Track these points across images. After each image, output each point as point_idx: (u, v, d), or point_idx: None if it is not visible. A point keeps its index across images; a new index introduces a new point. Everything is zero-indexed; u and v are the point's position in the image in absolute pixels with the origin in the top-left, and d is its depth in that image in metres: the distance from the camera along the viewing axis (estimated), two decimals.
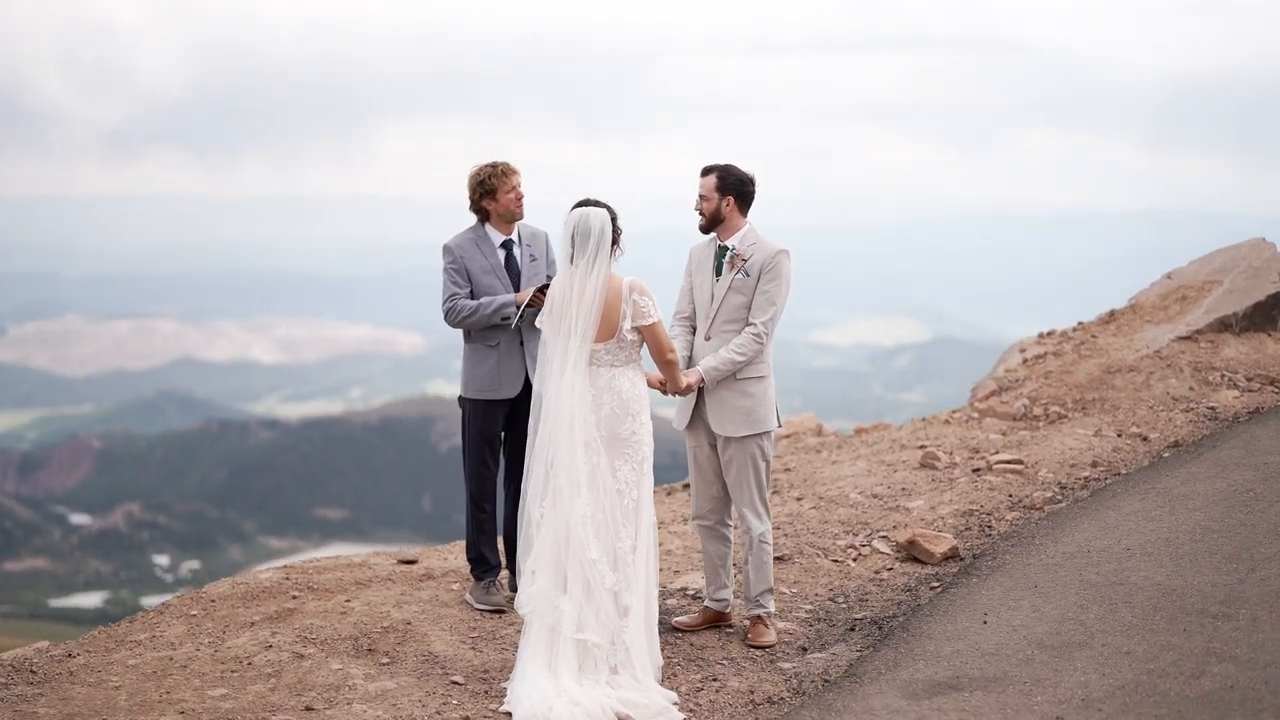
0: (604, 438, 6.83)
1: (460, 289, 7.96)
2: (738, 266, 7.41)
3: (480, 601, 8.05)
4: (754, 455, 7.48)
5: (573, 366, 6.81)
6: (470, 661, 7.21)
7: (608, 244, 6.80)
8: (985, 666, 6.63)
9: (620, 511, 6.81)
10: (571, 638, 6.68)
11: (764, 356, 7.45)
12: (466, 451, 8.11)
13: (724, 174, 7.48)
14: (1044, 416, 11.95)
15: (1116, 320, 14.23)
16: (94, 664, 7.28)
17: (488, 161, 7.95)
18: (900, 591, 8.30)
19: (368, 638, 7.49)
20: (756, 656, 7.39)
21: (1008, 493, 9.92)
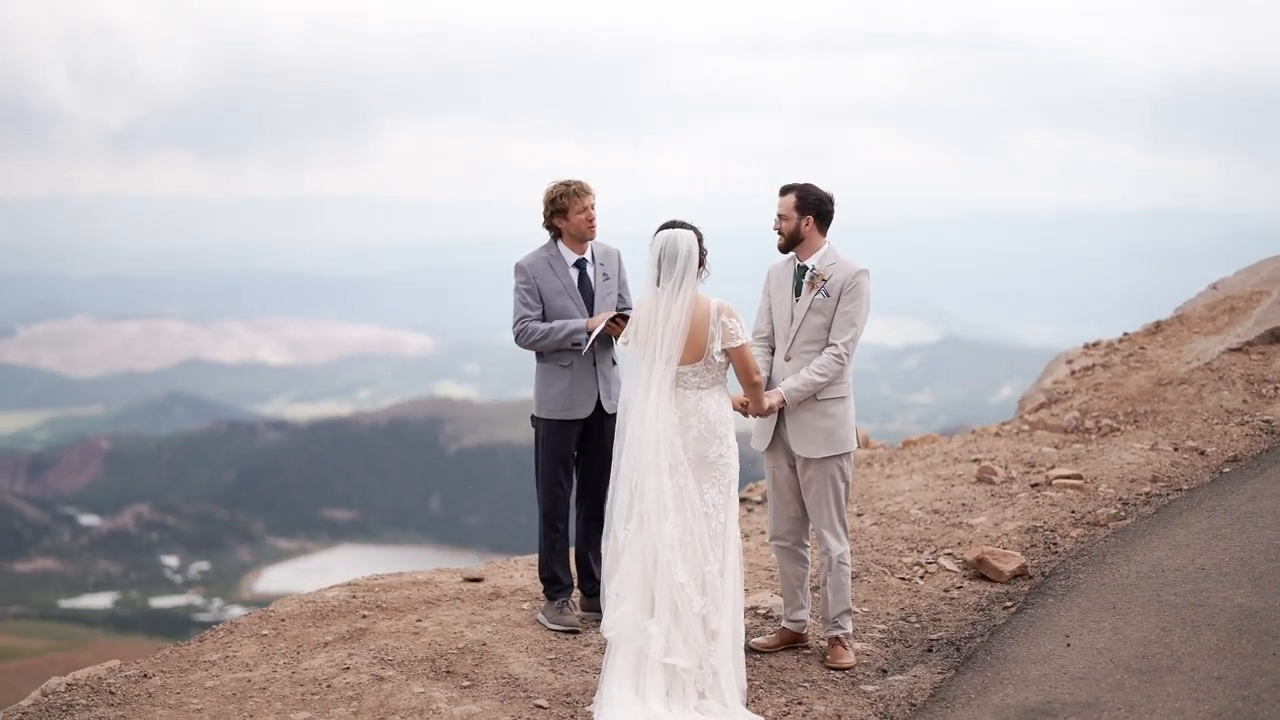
0: (691, 460, 6.80)
1: (531, 310, 7.92)
2: (818, 287, 7.37)
3: (554, 622, 8.02)
4: (834, 476, 7.44)
5: (657, 388, 6.78)
6: (551, 684, 7.17)
7: (694, 266, 6.77)
8: (1076, 691, 6.59)
9: (708, 535, 6.78)
10: (659, 662, 6.65)
11: (844, 377, 7.42)
12: (540, 471, 8.08)
13: (803, 193, 7.45)
14: (1096, 429, 11.91)
15: (1163, 331, 14.19)
16: (172, 685, 7.26)
17: (563, 179, 7.90)
18: (973, 611, 8.26)
19: (444, 659, 7.46)
20: (837, 679, 7.36)
21: (1070, 509, 9.87)
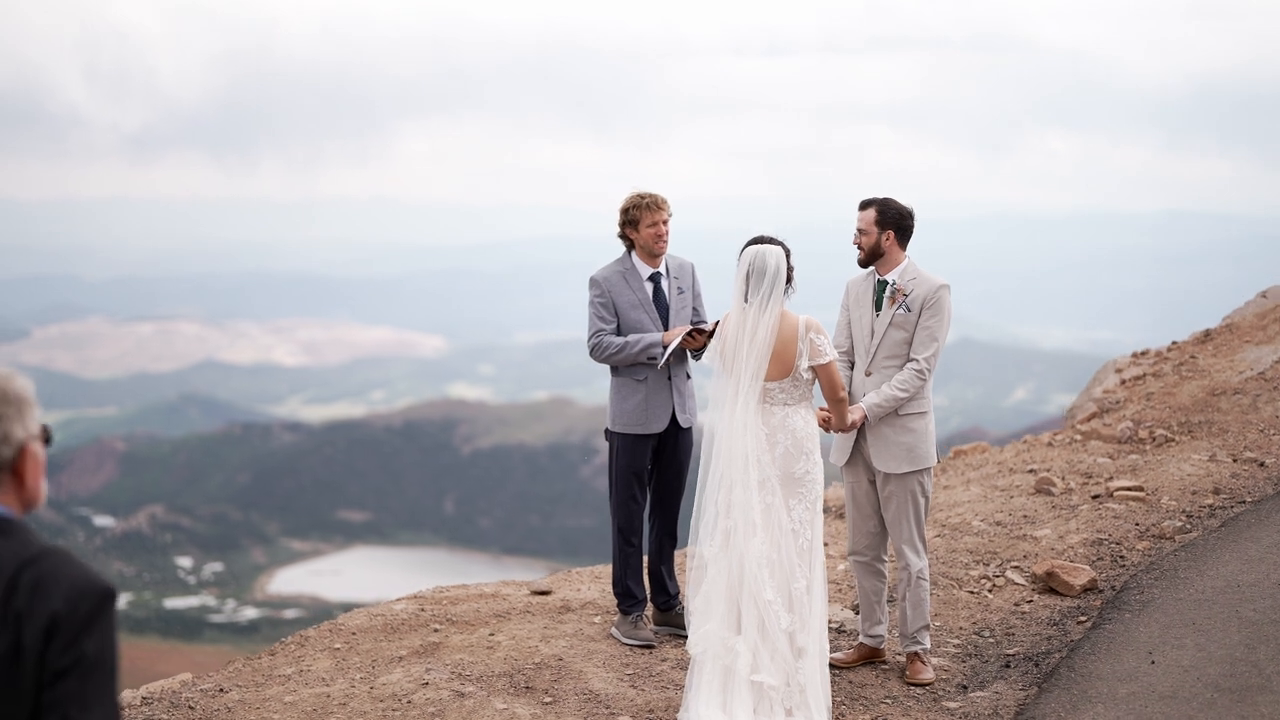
0: (778, 477, 6.77)
1: (606, 324, 7.89)
2: (899, 302, 7.35)
3: (628, 636, 7.99)
4: (914, 492, 7.42)
5: (743, 404, 6.76)
6: (633, 700, 7.15)
7: (782, 282, 6.74)
8: (1167, 711, 6.56)
9: (795, 551, 6.75)
10: (747, 679, 6.63)
11: (925, 392, 7.39)
12: (614, 485, 8.04)
13: (883, 208, 7.43)
14: (1150, 440, 11.86)
15: (1213, 340, 14.13)
16: (250, 700, 7.24)
17: (639, 191, 7.87)
18: (1046, 625, 8.23)
19: (522, 674, 7.44)
20: (918, 695, 7.33)
21: (1134, 521, 9.83)
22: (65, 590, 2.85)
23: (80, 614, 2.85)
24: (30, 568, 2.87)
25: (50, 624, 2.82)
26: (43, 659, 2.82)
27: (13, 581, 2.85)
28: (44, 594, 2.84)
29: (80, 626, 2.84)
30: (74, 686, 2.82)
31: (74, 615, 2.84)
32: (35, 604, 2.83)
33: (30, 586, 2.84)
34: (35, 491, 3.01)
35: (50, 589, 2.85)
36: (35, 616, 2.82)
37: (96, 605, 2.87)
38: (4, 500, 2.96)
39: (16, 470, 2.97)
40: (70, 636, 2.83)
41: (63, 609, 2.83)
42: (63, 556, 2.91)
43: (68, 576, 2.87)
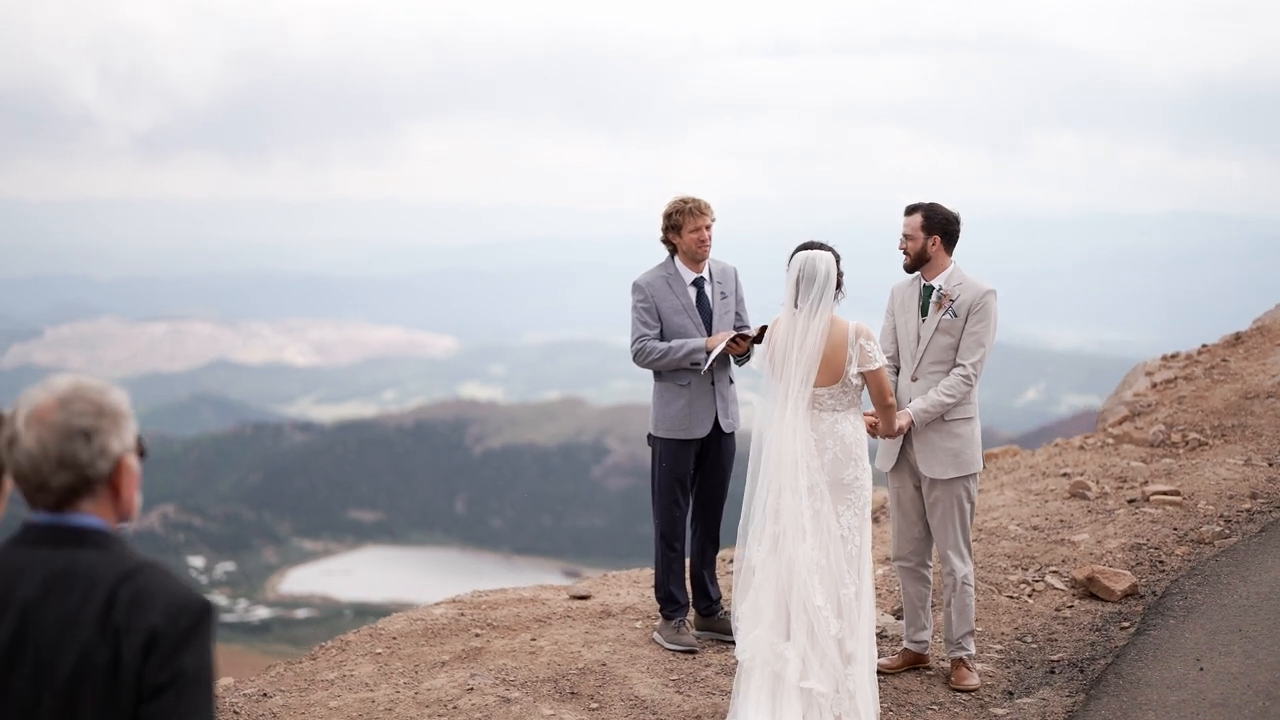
0: (827, 483, 6.74)
1: (650, 329, 7.87)
2: (945, 307, 7.33)
3: (671, 641, 7.98)
4: (960, 497, 7.40)
5: (793, 410, 6.73)
6: (680, 706, 7.13)
7: (832, 287, 6.72)
8: (1220, 719, 6.53)
9: (844, 557, 6.72)
10: (796, 686, 6.60)
11: (970, 397, 7.37)
12: (657, 490, 8.02)
13: (929, 213, 7.40)
14: (1183, 443, 11.83)
15: (1244, 343, 14.10)
16: (294, 705, 7.24)
17: (681, 196, 7.86)
18: (1089, 631, 8.20)
19: (566, 680, 7.43)
20: (964, 701, 7.31)
21: (1171, 526, 9.80)
22: (164, 605, 2.85)
23: (179, 629, 2.84)
24: (128, 582, 2.86)
25: (149, 639, 2.82)
26: (141, 674, 2.82)
27: (111, 596, 2.84)
28: (143, 609, 2.83)
29: (179, 641, 2.84)
30: (172, 701, 2.82)
31: (173, 630, 2.83)
32: (134, 619, 2.82)
33: (129, 601, 2.84)
34: (130, 505, 3.01)
35: (149, 604, 2.84)
36: (134, 631, 2.82)
37: (195, 620, 2.87)
38: (99, 513, 2.95)
39: (113, 483, 2.96)
40: (169, 651, 2.82)
41: (162, 624, 2.83)
42: (160, 571, 2.91)
43: (166, 591, 2.87)
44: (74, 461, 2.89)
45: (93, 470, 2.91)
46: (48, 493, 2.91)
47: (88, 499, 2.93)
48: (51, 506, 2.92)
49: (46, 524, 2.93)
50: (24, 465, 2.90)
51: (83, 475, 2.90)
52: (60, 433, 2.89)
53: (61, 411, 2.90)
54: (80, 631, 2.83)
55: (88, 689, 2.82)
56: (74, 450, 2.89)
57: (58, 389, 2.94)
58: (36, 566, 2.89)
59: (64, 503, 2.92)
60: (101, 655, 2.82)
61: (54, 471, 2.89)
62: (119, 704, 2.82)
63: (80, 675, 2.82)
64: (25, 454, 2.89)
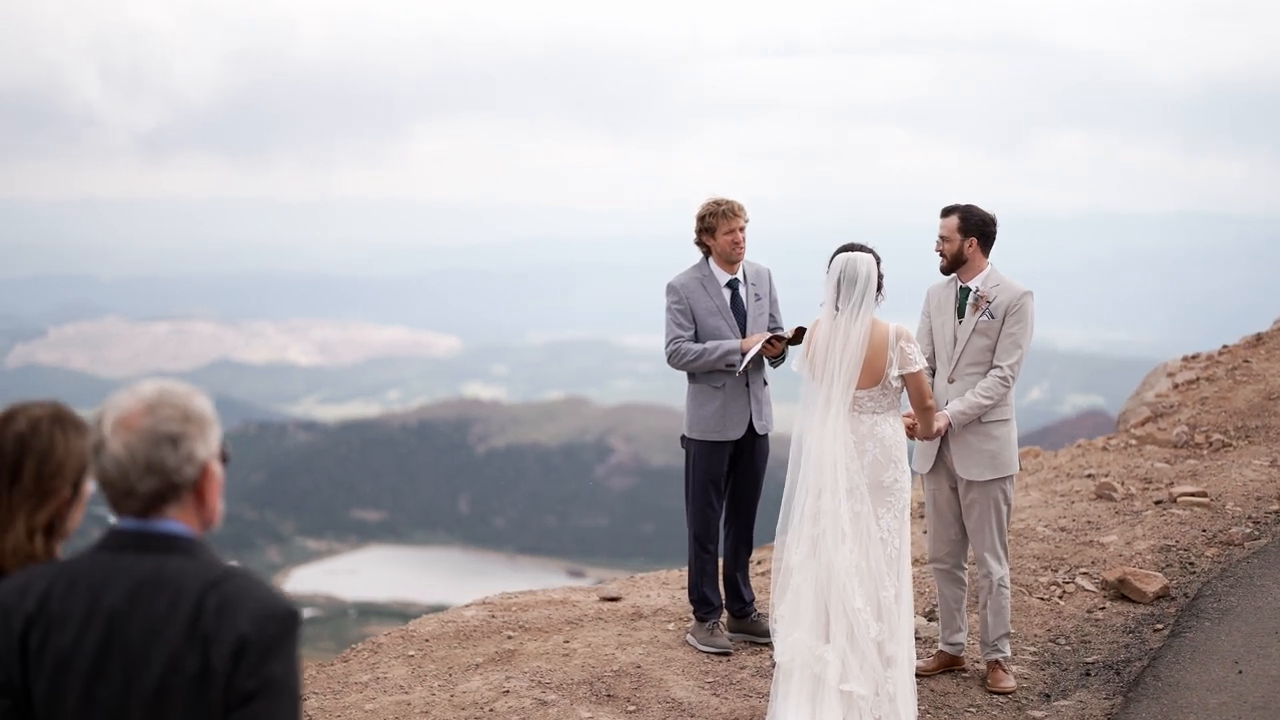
0: (867, 485, 6.73)
1: (684, 331, 7.85)
2: (982, 309, 7.31)
3: (705, 644, 7.96)
4: (996, 499, 7.38)
5: (834, 412, 6.72)
6: (717, 709, 7.12)
7: (874, 289, 6.71)
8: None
9: (884, 560, 6.71)
10: (836, 688, 6.59)
11: (1007, 399, 7.36)
12: (691, 492, 8.01)
13: (966, 215, 7.39)
14: (1207, 444, 11.81)
15: (1265, 344, 14.07)
16: (329, 708, 7.23)
17: (715, 198, 7.84)
18: (1122, 633, 8.19)
19: (602, 682, 7.42)
20: (1001, 703, 7.29)
21: (1200, 527, 9.78)
22: (252, 612, 2.83)
23: (268, 636, 2.82)
24: (216, 589, 2.85)
25: (238, 646, 2.80)
26: (230, 682, 2.80)
27: (199, 603, 2.83)
28: (231, 616, 2.82)
29: (268, 649, 2.82)
30: (261, 709, 2.80)
31: (262, 637, 2.82)
32: (223, 626, 2.81)
33: (217, 608, 2.82)
34: (214, 511, 3.00)
35: (237, 611, 2.82)
36: (223, 639, 2.80)
37: (283, 627, 2.85)
38: (185, 519, 2.94)
39: (198, 490, 2.95)
40: (258, 659, 2.80)
41: (251, 631, 2.81)
42: (248, 578, 2.89)
43: (254, 598, 2.85)
44: (161, 467, 2.88)
45: (179, 476, 2.90)
46: (134, 499, 2.89)
47: (173, 505, 2.92)
48: (137, 512, 2.91)
49: (133, 530, 2.91)
50: (111, 471, 2.89)
51: (169, 481, 2.89)
52: (148, 438, 2.87)
53: (149, 417, 2.89)
54: (168, 639, 2.81)
55: (176, 697, 2.81)
56: (161, 456, 2.87)
57: (144, 394, 2.93)
58: (123, 573, 2.87)
59: (150, 509, 2.90)
60: (190, 663, 2.80)
61: (141, 477, 2.87)
62: (208, 712, 2.80)
63: (168, 683, 2.81)
64: (112, 460, 2.88)
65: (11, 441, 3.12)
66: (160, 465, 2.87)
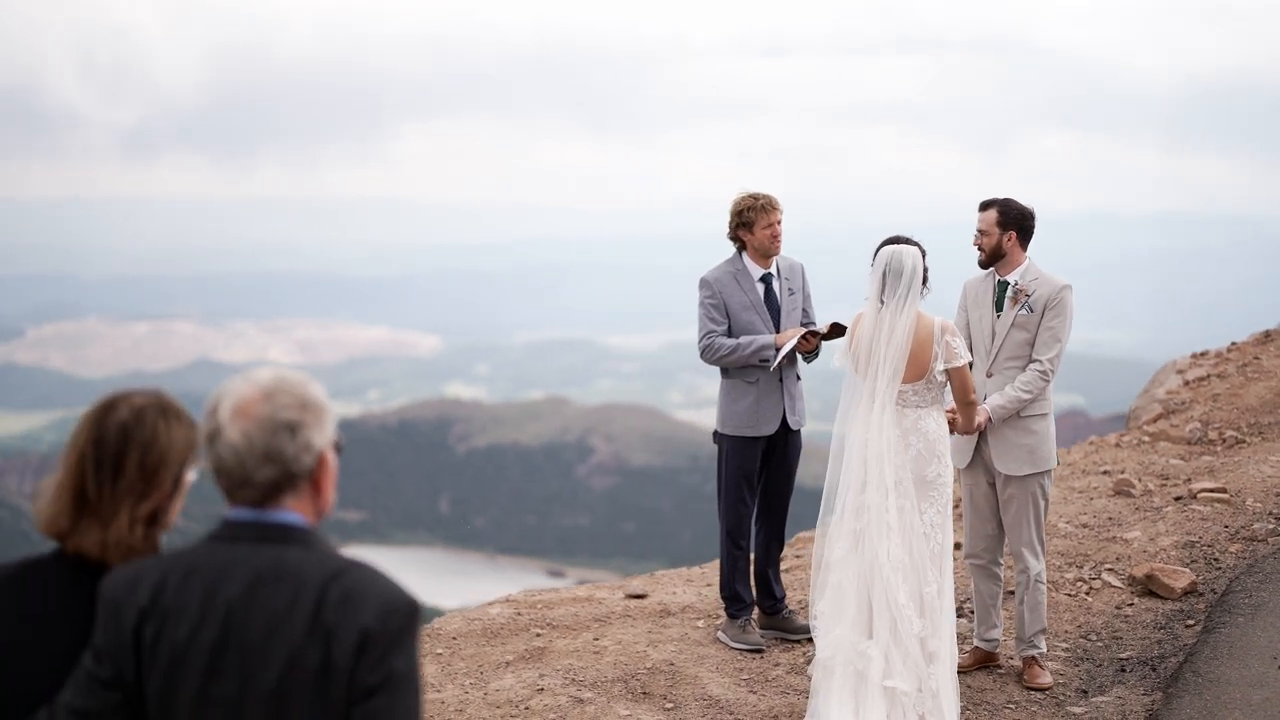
0: (911, 479, 6.67)
1: (718, 325, 7.78)
2: (1021, 302, 7.26)
3: (737, 641, 7.90)
4: (1035, 494, 7.34)
5: (879, 406, 6.67)
6: (755, 706, 7.06)
7: (919, 283, 6.65)
8: None
9: (928, 555, 6.66)
10: (879, 685, 6.53)
11: (1046, 393, 7.32)
12: (723, 488, 7.94)
13: (1004, 208, 7.34)
14: (1220, 441, 11.80)
15: (1275, 340, 14.08)
16: None
17: (750, 192, 7.77)
18: (1152, 629, 8.15)
19: (636, 679, 7.35)
20: (1040, 699, 7.25)
21: (1222, 523, 9.76)
22: (376, 605, 2.76)
23: (391, 630, 2.76)
24: (337, 581, 2.78)
25: (362, 640, 2.73)
26: (353, 676, 2.73)
27: (320, 595, 2.76)
28: (354, 609, 2.75)
29: (391, 642, 2.75)
30: (385, 703, 2.73)
31: (385, 631, 2.75)
32: (345, 619, 2.74)
33: (339, 601, 2.75)
34: (329, 501, 2.93)
35: (360, 604, 2.75)
36: (346, 632, 2.73)
37: (407, 620, 2.78)
38: (300, 509, 2.87)
39: (314, 479, 2.88)
40: (381, 652, 2.74)
41: (374, 624, 2.74)
42: (368, 570, 2.82)
43: (377, 591, 2.78)
44: (279, 456, 2.81)
45: (297, 465, 2.83)
46: (251, 488, 2.82)
47: (290, 495, 2.85)
48: (254, 502, 2.84)
49: (249, 521, 2.84)
50: (228, 460, 2.82)
51: (287, 470, 2.82)
52: (266, 426, 2.81)
53: (266, 404, 2.82)
54: (289, 633, 2.74)
55: (296, 692, 2.73)
56: (279, 444, 2.81)
57: (261, 381, 2.86)
58: (240, 565, 2.80)
59: (267, 499, 2.84)
60: (311, 658, 2.73)
61: (258, 466, 2.80)
62: (328, 707, 2.73)
63: (288, 678, 2.73)
64: (229, 448, 2.81)
65: (114, 431, 3.04)
66: (278, 454, 2.80)
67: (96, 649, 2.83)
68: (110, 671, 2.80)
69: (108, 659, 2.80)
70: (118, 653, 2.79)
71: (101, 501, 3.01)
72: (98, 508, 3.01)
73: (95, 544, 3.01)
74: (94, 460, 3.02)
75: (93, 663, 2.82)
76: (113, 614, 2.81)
